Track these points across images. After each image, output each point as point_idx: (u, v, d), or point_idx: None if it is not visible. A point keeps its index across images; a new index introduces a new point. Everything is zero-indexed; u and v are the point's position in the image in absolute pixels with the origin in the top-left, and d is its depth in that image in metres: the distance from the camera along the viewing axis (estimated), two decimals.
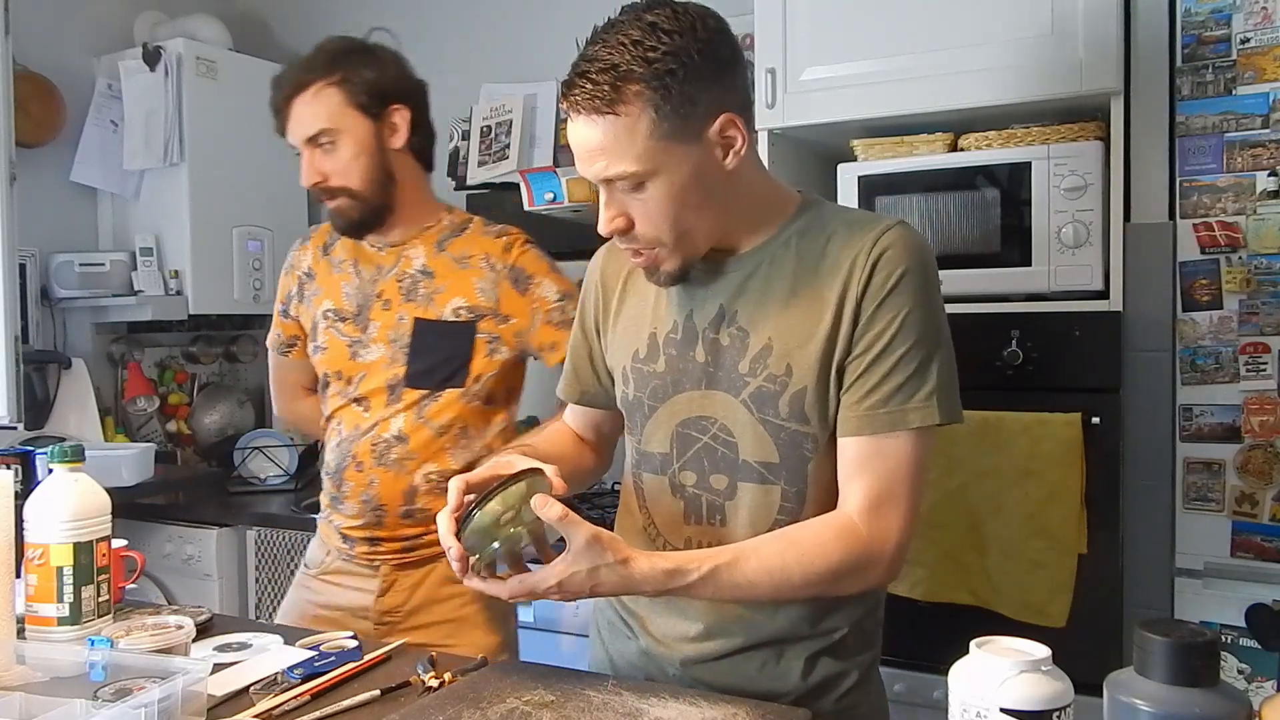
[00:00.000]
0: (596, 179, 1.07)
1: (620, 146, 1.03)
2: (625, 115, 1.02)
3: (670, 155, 1.04)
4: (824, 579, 1.07)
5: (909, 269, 1.08)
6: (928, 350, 1.08)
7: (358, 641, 1.26)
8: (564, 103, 1.06)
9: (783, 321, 1.11)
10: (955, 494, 1.78)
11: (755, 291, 1.14)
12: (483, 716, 0.99)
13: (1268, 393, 1.71)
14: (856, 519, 1.08)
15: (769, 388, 1.11)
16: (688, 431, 1.17)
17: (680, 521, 1.18)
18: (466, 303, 1.61)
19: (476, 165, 2.90)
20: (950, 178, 1.86)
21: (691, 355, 1.16)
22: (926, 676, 1.79)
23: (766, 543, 1.08)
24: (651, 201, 1.06)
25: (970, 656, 0.79)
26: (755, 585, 1.06)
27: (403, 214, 1.66)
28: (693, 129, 1.05)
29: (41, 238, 2.84)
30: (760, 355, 1.12)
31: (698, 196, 1.08)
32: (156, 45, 2.91)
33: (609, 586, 1.04)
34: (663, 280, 1.14)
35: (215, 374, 3.36)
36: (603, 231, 1.10)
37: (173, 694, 0.95)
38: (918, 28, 1.87)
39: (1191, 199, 1.76)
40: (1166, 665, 0.70)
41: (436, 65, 3.17)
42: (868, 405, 1.08)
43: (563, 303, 1.63)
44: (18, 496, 1.20)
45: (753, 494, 1.14)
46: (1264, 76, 1.70)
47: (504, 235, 1.68)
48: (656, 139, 1.03)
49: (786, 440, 1.11)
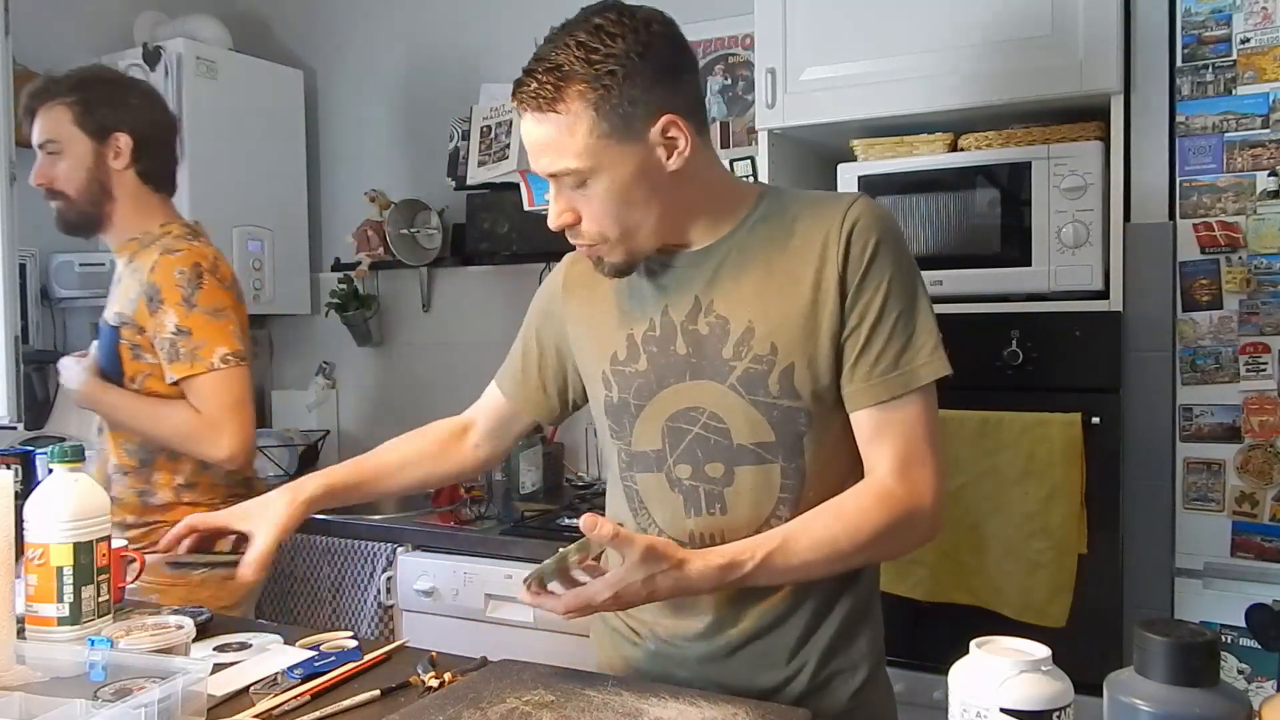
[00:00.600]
0: (543, 174, 1.11)
1: (563, 143, 1.07)
2: (566, 114, 1.06)
3: (611, 154, 1.08)
4: (873, 543, 1.10)
5: (882, 237, 1.12)
6: (916, 310, 1.13)
7: (357, 641, 1.26)
8: (514, 100, 1.10)
9: (761, 303, 1.14)
10: (955, 494, 1.78)
11: (728, 279, 1.16)
12: (483, 716, 0.99)
13: (1268, 393, 1.70)
14: (890, 481, 1.11)
15: (756, 368, 1.13)
16: (677, 425, 1.18)
17: (681, 515, 1.18)
18: (118, 310, 1.80)
19: (476, 165, 2.90)
20: (950, 178, 1.86)
21: (673, 349, 1.18)
22: (926, 676, 1.79)
23: (811, 519, 1.10)
24: (595, 198, 1.10)
25: (970, 656, 0.79)
26: (810, 563, 1.09)
27: (119, 224, 1.85)
28: (634, 129, 1.08)
29: (41, 238, 2.83)
30: (744, 338, 1.14)
31: (641, 194, 1.11)
32: (156, 45, 2.91)
33: (665, 590, 1.05)
34: (608, 271, 1.18)
35: None
36: (551, 225, 1.14)
37: (173, 694, 0.95)
38: (918, 28, 1.87)
39: (1191, 199, 1.76)
40: (1166, 665, 0.70)
41: (436, 65, 3.19)
42: (879, 372, 1.11)
43: (175, 337, 1.72)
44: (18, 496, 1.20)
45: (752, 477, 1.15)
46: (1264, 76, 1.70)
47: (170, 254, 1.77)
48: (597, 137, 1.07)
49: (780, 417, 1.13)
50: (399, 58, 3.23)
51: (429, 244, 3.09)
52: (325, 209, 3.39)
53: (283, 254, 3.21)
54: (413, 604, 2.34)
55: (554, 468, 2.84)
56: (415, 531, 2.40)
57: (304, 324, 3.40)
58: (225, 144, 3.01)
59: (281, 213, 3.21)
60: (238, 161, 3.05)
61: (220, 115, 2.99)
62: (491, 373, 1.46)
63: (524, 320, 1.41)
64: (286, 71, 3.26)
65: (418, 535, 2.39)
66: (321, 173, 3.39)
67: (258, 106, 3.14)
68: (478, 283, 3.10)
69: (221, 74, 3.00)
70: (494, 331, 3.02)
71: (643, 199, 1.11)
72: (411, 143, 3.19)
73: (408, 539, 2.39)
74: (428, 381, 3.17)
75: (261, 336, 3.47)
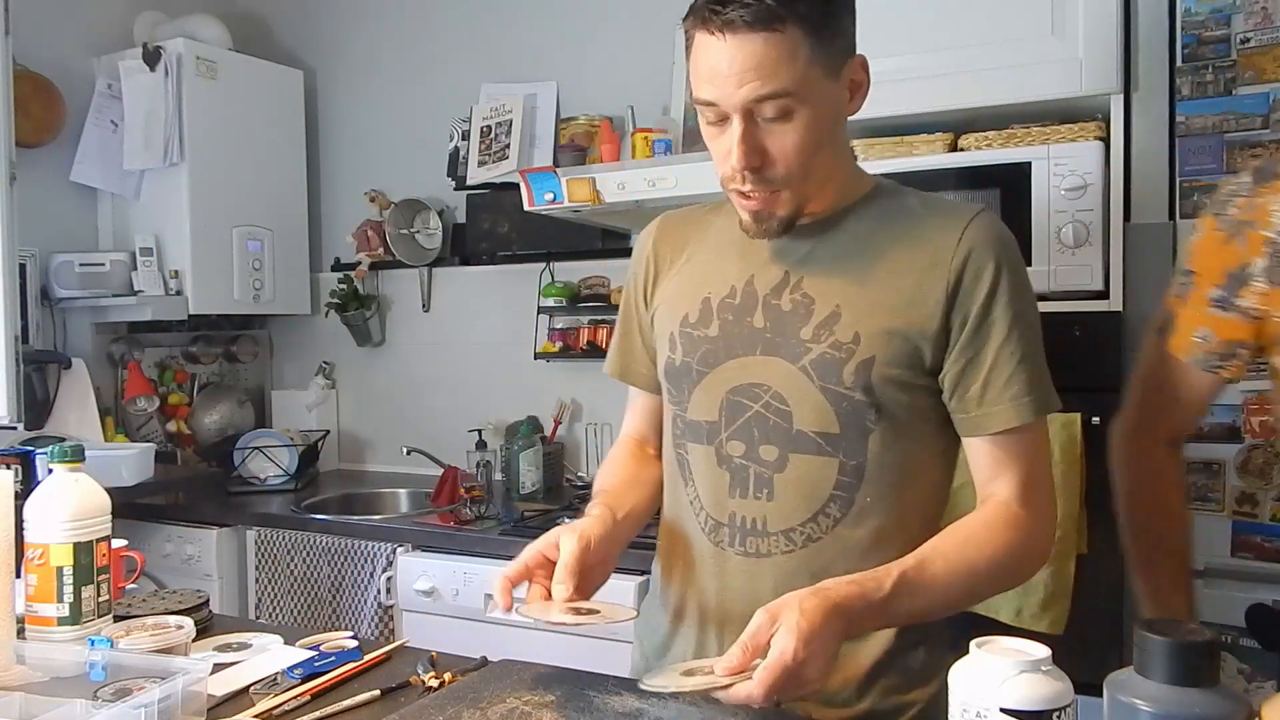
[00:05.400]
0: (745, 101, 1.01)
1: (779, 66, 0.99)
2: (788, 34, 0.98)
3: (818, 86, 1.02)
4: (1005, 568, 1.06)
5: (1006, 259, 1.08)
6: (1037, 339, 1.10)
7: (358, 641, 1.26)
8: (705, 26, 1.00)
9: (853, 290, 1.08)
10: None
11: (824, 259, 1.11)
12: (483, 716, 0.99)
13: (1268, 393, 1.70)
14: (1015, 506, 1.07)
15: (833, 355, 1.07)
16: (738, 399, 1.12)
17: (725, 494, 1.13)
18: None
19: (476, 165, 2.90)
20: (950, 178, 1.86)
21: (749, 320, 1.12)
22: None
23: (943, 540, 1.05)
24: (793, 133, 1.02)
25: (970, 656, 0.79)
26: (949, 586, 1.02)
27: None
28: (836, 63, 1.03)
29: (41, 238, 2.84)
30: (827, 322, 1.08)
31: (829, 136, 1.06)
32: (156, 45, 2.91)
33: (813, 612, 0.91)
34: (775, 227, 1.09)
35: (215, 374, 3.36)
36: (737, 165, 1.04)
37: (173, 694, 0.95)
38: (918, 28, 1.87)
39: (1191, 199, 1.75)
40: (1166, 665, 0.70)
41: (436, 65, 3.19)
42: (1010, 395, 1.06)
43: None
44: (18, 496, 1.20)
45: (807, 466, 1.09)
46: (1264, 76, 1.70)
47: None
48: (811, 65, 1.00)
49: (849, 410, 1.07)
50: (399, 58, 3.23)
51: (429, 244, 3.09)
52: (325, 209, 3.39)
53: (283, 254, 3.21)
54: (413, 604, 2.34)
55: (554, 468, 2.84)
56: (415, 531, 2.40)
57: (304, 324, 3.40)
58: (225, 144, 3.01)
59: (281, 213, 3.22)
60: (238, 161, 3.05)
61: (220, 115, 2.99)
62: (491, 372, 1.45)
63: (621, 304, 1.32)
64: (286, 71, 3.26)
65: (418, 535, 2.39)
66: (321, 173, 3.39)
67: (258, 106, 3.14)
68: (478, 283, 3.10)
69: (221, 74, 3.01)
70: (494, 331, 3.02)
71: (829, 141, 1.06)
72: (411, 143, 3.19)
73: (408, 539, 2.39)
74: (428, 381, 3.17)
75: (261, 336, 3.47)
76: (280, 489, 2.90)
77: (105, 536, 1.26)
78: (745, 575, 1.12)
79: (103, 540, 1.25)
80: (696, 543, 1.17)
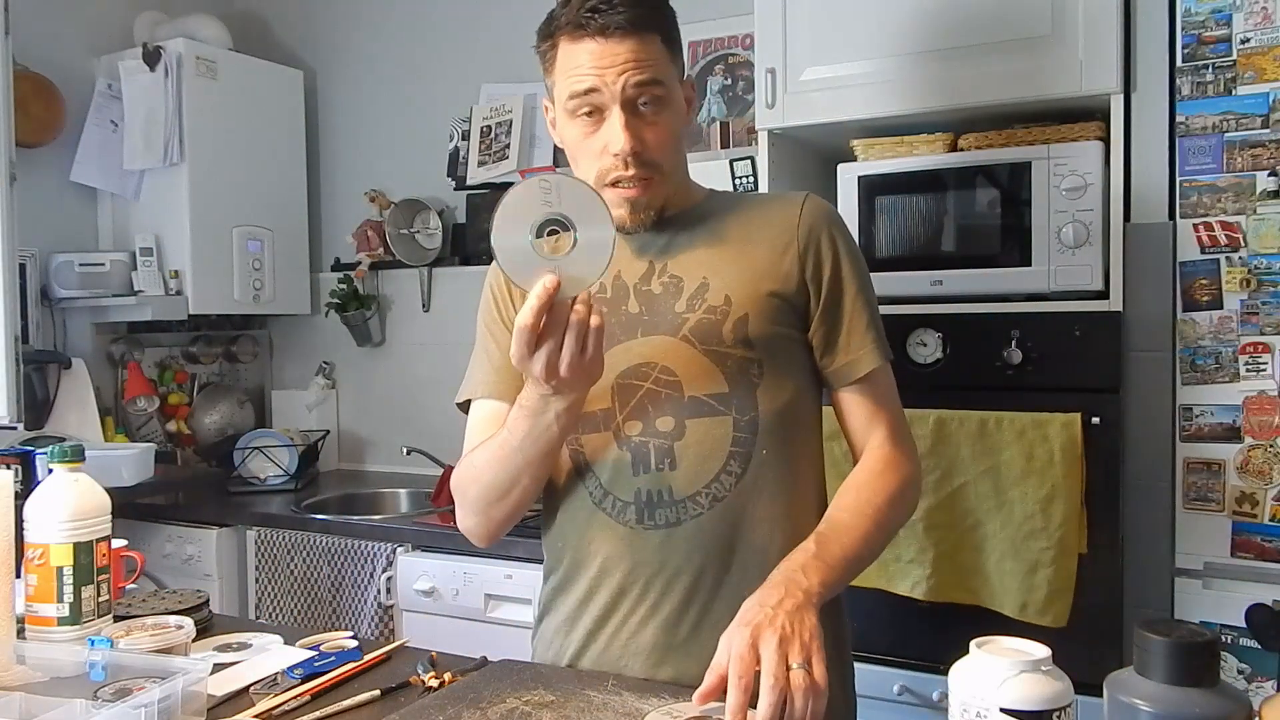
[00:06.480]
0: (626, 86, 1.12)
1: (653, 59, 1.13)
2: (655, 39, 1.14)
3: (676, 88, 1.18)
4: (894, 507, 1.16)
5: (839, 225, 1.24)
6: (874, 295, 1.25)
7: (358, 641, 1.26)
8: (578, 33, 1.12)
9: (715, 264, 1.20)
10: (955, 494, 1.78)
11: (683, 244, 1.22)
12: (483, 716, 0.99)
13: (1268, 393, 1.70)
14: (889, 448, 1.20)
15: (709, 319, 1.17)
16: (628, 381, 1.18)
17: (629, 474, 1.17)
18: None
19: (476, 165, 2.90)
20: (950, 178, 1.86)
21: (624, 309, 1.20)
22: (926, 676, 1.79)
23: (837, 499, 1.16)
24: (664, 123, 1.16)
25: (970, 656, 0.79)
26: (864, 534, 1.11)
27: None
28: (680, 76, 1.20)
29: (41, 238, 2.84)
30: (698, 292, 1.18)
31: (682, 133, 1.21)
32: (156, 45, 2.91)
33: (781, 597, 1.00)
34: (650, 217, 1.20)
35: (215, 374, 3.36)
36: (625, 148, 1.13)
37: (173, 694, 0.95)
38: (918, 28, 1.87)
39: (1191, 199, 1.76)
40: (1166, 665, 0.70)
41: (436, 65, 3.19)
42: (871, 340, 1.20)
43: None
44: (18, 496, 1.20)
45: (704, 429, 1.16)
46: (1264, 76, 1.70)
47: None
48: (671, 68, 1.17)
49: (733, 367, 1.16)
50: (399, 58, 3.23)
51: (429, 244, 3.09)
52: (325, 209, 3.39)
53: (283, 254, 3.21)
54: (413, 604, 2.34)
55: None
56: (415, 531, 2.40)
57: (304, 324, 3.40)
58: (225, 144, 3.01)
59: (281, 213, 3.22)
60: (238, 161, 3.05)
61: (220, 115, 2.99)
62: None
63: (477, 335, 1.37)
64: (286, 71, 3.26)
65: (418, 535, 2.39)
66: (321, 173, 3.39)
67: (258, 106, 3.14)
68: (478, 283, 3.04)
69: (221, 74, 3.01)
70: None
71: (682, 139, 1.21)
72: (411, 143, 3.19)
73: (408, 539, 2.39)
74: (428, 381, 3.17)
75: (261, 336, 3.48)
76: (280, 489, 2.90)
77: (105, 536, 1.26)
78: (660, 548, 1.16)
79: (103, 540, 1.25)
80: (603, 531, 1.19)
